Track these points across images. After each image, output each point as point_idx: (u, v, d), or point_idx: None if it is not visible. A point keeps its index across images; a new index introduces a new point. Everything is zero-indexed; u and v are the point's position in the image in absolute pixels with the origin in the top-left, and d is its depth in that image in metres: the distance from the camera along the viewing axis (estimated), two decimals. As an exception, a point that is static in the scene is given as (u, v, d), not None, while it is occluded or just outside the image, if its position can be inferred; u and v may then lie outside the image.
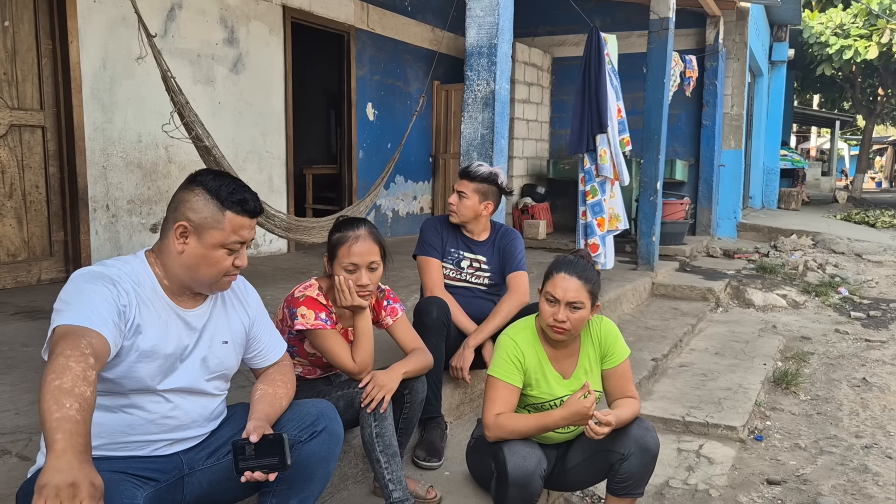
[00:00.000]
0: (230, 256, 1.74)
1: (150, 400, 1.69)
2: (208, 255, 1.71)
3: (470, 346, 2.98)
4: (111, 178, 5.10)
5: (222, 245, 1.71)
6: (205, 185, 1.72)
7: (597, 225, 5.55)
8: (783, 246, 8.87)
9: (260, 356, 1.97)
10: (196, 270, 1.72)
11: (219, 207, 1.70)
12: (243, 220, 1.73)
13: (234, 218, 1.71)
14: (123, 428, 1.66)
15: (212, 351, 1.81)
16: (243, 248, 1.77)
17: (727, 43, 9.09)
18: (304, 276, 4.87)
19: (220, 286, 1.79)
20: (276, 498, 1.80)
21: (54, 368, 1.36)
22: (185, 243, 1.71)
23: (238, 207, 1.72)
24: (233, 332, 1.87)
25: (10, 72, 4.53)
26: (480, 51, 3.58)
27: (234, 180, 1.77)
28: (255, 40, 6.24)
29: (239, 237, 1.73)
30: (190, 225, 1.70)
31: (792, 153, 17.34)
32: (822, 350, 5.24)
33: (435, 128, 8.89)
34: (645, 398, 3.89)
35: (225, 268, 1.74)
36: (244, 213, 1.73)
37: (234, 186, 1.74)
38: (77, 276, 1.63)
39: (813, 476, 3.23)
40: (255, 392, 1.90)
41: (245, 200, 1.73)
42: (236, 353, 1.89)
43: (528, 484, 2.14)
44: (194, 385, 1.76)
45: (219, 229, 1.70)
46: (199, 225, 1.70)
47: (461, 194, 3.10)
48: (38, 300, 4.29)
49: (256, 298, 1.99)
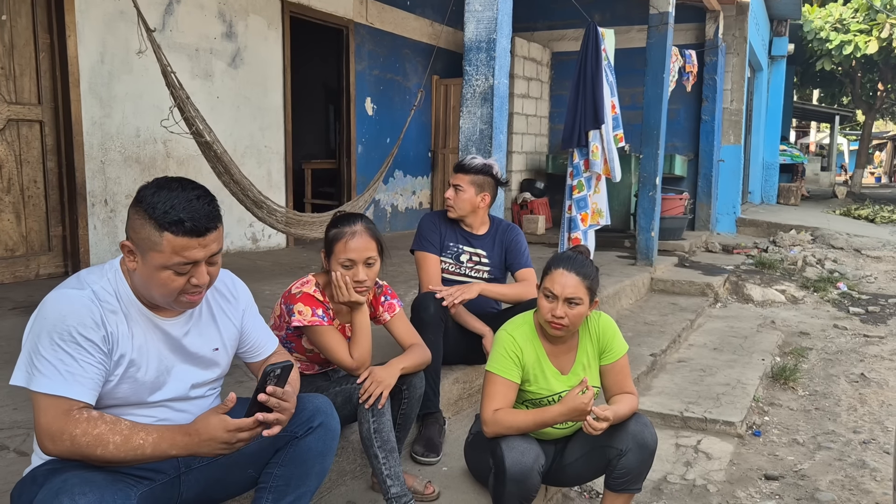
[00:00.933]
0: (180, 277, 1.57)
1: (147, 407, 1.67)
2: (153, 276, 1.56)
3: (475, 290, 2.97)
4: (109, 173, 5.09)
5: (164, 267, 1.55)
6: (143, 201, 1.54)
7: (580, 219, 5.55)
8: (782, 241, 8.87)
9: (253, 351, 1.93)
10: (149, 290, 1.60)
11: (155, 228, 1.53)
12: (185, 240, 1.53)
13: (173, 239, 1.53)
14: None
15: (201, 360, 1.76)
16: (197, 267, 1.58)
17: (727, 38, 9.07)
18: (303, 271, 4.87)
19: (184, 305, 1.65)
20: (273, 494, 1.79)
21: (89, 446, 1.48)
22: (134, 261, 1.58)
23: (175, 228, 1.52)
24: (223, 335, 1.81)
25: (7, 66, 4.52)
26: (479, 45, 3.56)
27: (181, 192, 1.55)
28: (254, 35, 6.22)
29: (183, 258, 1.55)
30: (132, 244, 1.57)
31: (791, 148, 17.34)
32: (821, 345, 5.24)
33: (434, 123, 8.87)
34: (643, 393, 3.90)
35: (176, 288, 1.58)
36: (184, 234, 1.53)
37: (172, 203, 1.52)
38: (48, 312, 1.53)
39: (811, 471, 3.24)
40: None
41: (181, 221, 1.52)
42: (227, 356, 1.85)
43: (525, 479, 2.14)
44: (186, 393, 1.74)
45: (157, 251, 1.54)
46: (139, 245, 1.56)
47: (457, 188, 3.10)
48: (36, 295, 4.28)
49: (246, 293, 1.91)
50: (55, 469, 1.54)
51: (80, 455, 1.48)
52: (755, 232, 9.85)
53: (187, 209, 1.54)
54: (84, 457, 1.48)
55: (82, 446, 1.47)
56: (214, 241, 1.60)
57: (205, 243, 1.57)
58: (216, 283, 1.82)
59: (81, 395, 1.51)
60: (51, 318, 1.53)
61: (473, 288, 2.97)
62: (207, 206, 1.58)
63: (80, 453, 1.48)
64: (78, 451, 1.48)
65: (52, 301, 1.56)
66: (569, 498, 2.91)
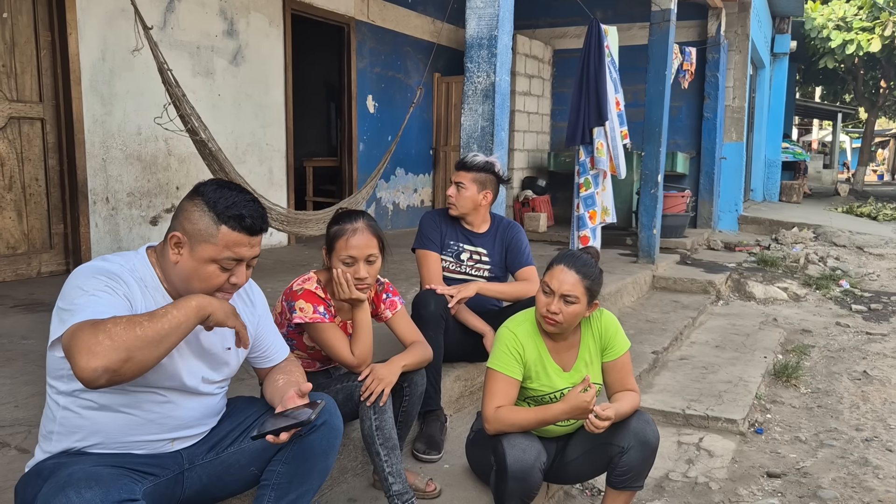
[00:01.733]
0: (223, 273, 1.64)
1: (151, 399, 1.66)
2: (199, 269, 1.62)
3: (473, 288, 2.97)
4: (111, 171, 5.09)
5: (213, 260, 1.62)
6: (205, 195, 1.64)
7: (588, 217, 5.55)
8: (784, 239, 8.86)
9: (264, 357, 1.95)
10: (188, 283, 1.65)
11: (214, 221, 1.61)
12: (239, 236, 1.63)
13: (228, 233, 1.61)
14: (123, 428, 1.64)
15: (216, 357, 1.77)
16: (240, 265, 1.66)
17: (729, 35, 9.05)
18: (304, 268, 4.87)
19: None
20: (276, 492, 1.79)
21: (115, 336, 1.39)
22: (179, 254, 1.63)
23: (234, 222, 1.62)
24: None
25: (8, 64, 4.51)
26: (481, 42, 3.56)
27: (239, 193, 1.66)
28: (255, 32, 6.22)
29: (233, 254, 1.63)
30: (184, 236, 1.63)
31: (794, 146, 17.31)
32: (823, 343, 5.24)
33: (435, 120, 8.87)
34: (645, 391, 3.89)
35: (216, 284, 1.65)
36: (241, 230, 1.62)
37: (234, 200, 1.63)
38: (78, 274, 1.57)
39: (813, 469, 3.23)
40: (277, 381, 1.87)
41: (242, 216, 1.62)
42: (238, 358, 1.86)
43: (527, 477, 2.14)
44: (196, 386, 1.74)
45: (211, 243, 1.61)
46: (192, 237, 1.62)
47: (459, 185, 3.09)
48: (37, 293, 4.29)
49: (262, 300, 1.95)
50: (61, 463, 1.55)
51: (122, 346, 1.38)
52: (757, 230, 9.83)
53: (248, 208, 1.64)
54: (126, 346, 1.39)
55: (120, 335, 1.39)
56: (259, 244, 1.70)
57: (253, 243, 1.67)
58: None
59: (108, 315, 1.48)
60: (78, 279, 1.55)
61: (471, 287, 2.97)
62: (261, 209, 1.70)
63: (121, 344, 1.38)
64: (119, 343, 1.38)
65: (79, 270, 1.58)
66: (570, 495, 2.90)
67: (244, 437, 1.82)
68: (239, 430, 1.83)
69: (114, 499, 1.39)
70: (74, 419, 1.60)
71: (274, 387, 1.86)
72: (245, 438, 1.82)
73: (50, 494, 1.40)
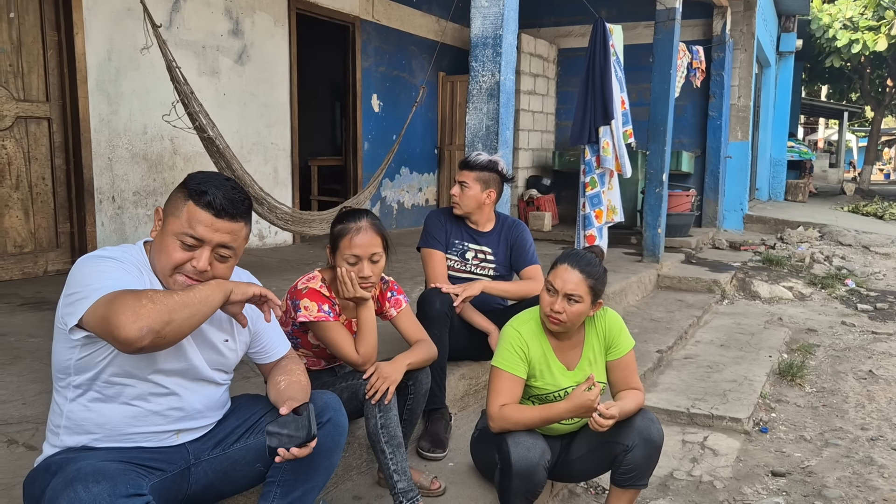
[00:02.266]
0: (183, 251, 1.64)
1: (156, 391, 1.68)
2: (164, 241, 1.65)
3: (477, 287, 2.97)
4: (117, 170, 5.11)
5: (174, 234, 1.63)
6: (188, 176, 1.70)
7: (594, 216, 5.55)
8: (790, 238, 8.84)
9: (263, 353, 1.96)
10: (158, 256, 1.67)
11: (184, 196, 1.65)
12: (202, 214, 1.62)
13: (191, 208, 1.63)
14: (128, 420, 1.66)
15: (213, 348, 1.79)
16: (203, 249, 1.64)
17: (734, 33, 9.03)
18: (309, 267, 4.88)
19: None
20: (281, 488, 1.80)
21: (167, 292, 1.53)
22: (156, 229, 1.69)
23: (197, 197, 1.63)
24: (235, 329, 1.84)
25: (15, 63, 4.54)
26: (485, 41, 3.56)
27: (220, 178, 1.68)
28: (260, 31, 6.23)
29: (192, 231, 1.62)
30: (162, 211, 1.69)
31: (799, 144, 17.25)
32: (829, 342, 5.23)
33: (440, 119, 8.87)
34: (650, 390, 3.89)
35: (175, 260, 1.64)
36: (203, 207, 1.62)
37: (207, 179, 1.66)
38: (82, 264, 1.60)
39: (818, 468, 3.23)
40: (279, 383, 1.88)
41: (205, 192, 1.63)
42: (238, 349, 1.87)
43: (531, 475, 2.15)
44: (198, 373, 1.75)
45: (175, 216, 1.64)
46: (166, 212, 1.67)
47: (463, 184, 3.09)
48: (44, 291, 4.31)
49: None
50: (68, 458, 1.57)
51: (165, 309, 1.47)
52: (762, 229, 9.81)
53: (217, 188, 1.65)
54: (168, 308, 1.47)
55: (161, 299, 1.48)
56: (227, 231, 1.66)
57: (217, 227, 1.64)
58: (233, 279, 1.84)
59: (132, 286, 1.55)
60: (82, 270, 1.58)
61: (476, 285, 2.97)
62: (238, 196, 1.67)
63: (164, 307, 1.47)
64: (161, 306, 1.46)
65: (82, 261, 1.61)
66: (575, 494, 2.91)
67: (250, 433, 1.83)
68: (244, 426, 1.85)
69: (121, 493, 1.40)
70: (82, 412, 1.62)
71: (277, 389, 1.87)
72: (251, 435, 1.83)
73: (58, 489, 1.41)
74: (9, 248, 4.60)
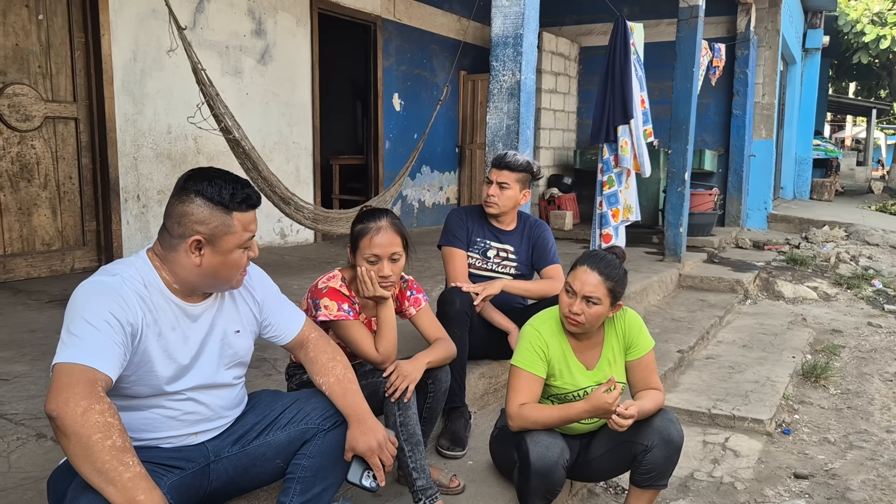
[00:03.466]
0: (245, 252, 1.74)
1: (171, 398, 1.71)
2: (227, 259, 1.70)
3: (498, 286, 2.97)
4: (141, 169, 5.18)
5: (237, 246, 1.70)
6: (202, 193, 1.65)
7: (611, 215, 5.52)
8: (815, 237, 8.72)
9: (279, 335, 1.97)
10: (216, 276, 1.71)
11: (224, 212, 1.66)
12: (250, 215, 1.72)
13: (241, 217, 1.69)
14: (146, 425, 1.69)
15: (225, 342, 1.81)
16: (254, 241, 1.76)
17: (759, 30, 8.93)
18: (330, 266, 4.92)
19: (237, 284, 1.79)
20: (301, 485, 1.82)
21: (95, 427, 1.40)
22: (201, 255, 1.67)
23: (244, 206, 1.69)
24: (243, 319, 1.87)
25: (44, 65, 4.62)
26: (506, 41, 3.56)
27: (228, 178, 1.70)
28: (283, 31, 6.28)
29: (250, 232, 1.72)
30: (203, 238, 1.66)
31: (825, 143, 17.01)
32: (854, 343, 5.15)
33: (461, 118, 8.88)
34: (670, 390, 3.87)
35: (243, 265, 1.75)
36: (248, 209, 1.71)
37: (233, 186, 1.68)
38: (80, 296, 1.59)
39: (842, 471, 3.19)
40: (322, 388, 1.91)
41: (248, 196, 1.70)
42: (249, 339, 1.89)
43: (550, 474, 2.15)
44: (212, 380, 1.77)
45: (232, 233, 1.68)
46: (212, 235, 1.66)
47: (503, 185, 3.05)
48: (71, 289, 4.34)
49: (261, 279, 1.96)
50: None
51: (77, 429, 1.38)
52: (787, 228, 9.69)
53: (243, 188, 1.70)
54: (80, 434, 1.38)
55: (90, 423, 1.39)
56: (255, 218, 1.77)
57: (254, 216, 1.75)
58: None
59: (106, 368, 1.50)
60: (80, 302, 1.58)
61: (496, 284, 2.98)
62: (247, 181, 1.75)
63: (80, 428, 1.39)
64: (83, 424, 1.39)
65: (82, 289, 1.61)
66: (594, 493, 2.91)
67: (269, 430, 1.86)
68: (264, 423, 1.87)
69: None
70: None
71: (331, 391, 1.90)
72: (270, 432, 1.85)
73: (79, 490, 1.44)
74: (37, 246, 4.69)
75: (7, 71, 4.45)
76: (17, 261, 4.58)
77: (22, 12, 4.49)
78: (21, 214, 4.59)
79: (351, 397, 1.89)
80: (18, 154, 4.55)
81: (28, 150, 4.59)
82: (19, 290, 4.32)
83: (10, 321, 3.66)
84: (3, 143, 4.47)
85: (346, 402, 1.88)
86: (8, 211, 4.52)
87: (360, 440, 1.84)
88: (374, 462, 1.85)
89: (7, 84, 4.44)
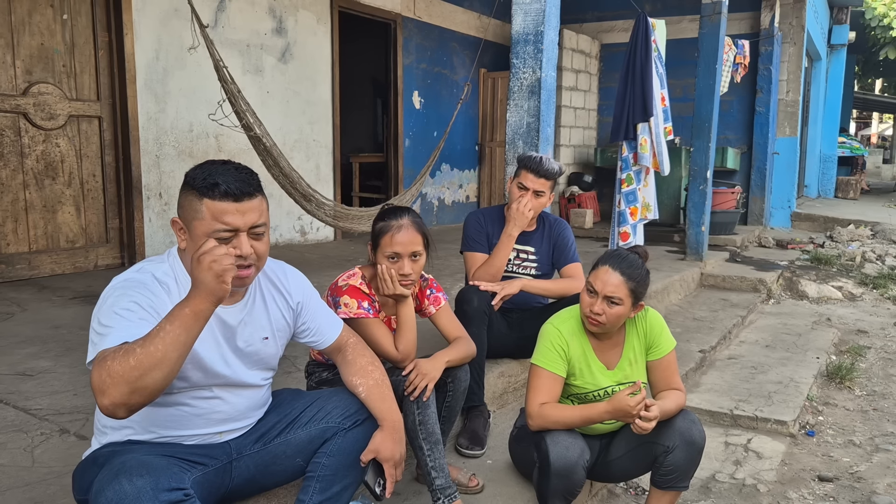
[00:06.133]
0: (226, 247, 1.58)
1: (197, 396, 1.71)
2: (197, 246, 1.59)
3: (517, 285, 2.97)
4: (164, 167, 5.23)
5: (205, 234, 1.58)
6: (188, 176, 1.63)
7: (629, 214, 5.48)
8: (839, 236, 8.59)
9: (318, 339, 1.97)
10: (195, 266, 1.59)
11: (196, 197, 1.60)
12: (223, 204, 1.58)
13: (211, 204, 1.58)
14: (171, 422, 1.69)
15: (252, 347, 1.79)
16: (240, 237, 1.62)
17: (783, 26, 8.81)
18: (350, 263, 4.93)
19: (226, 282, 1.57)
20: (321, 483, 1.82)
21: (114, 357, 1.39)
22: (184, 239, 1.65)
23: (212, 192, 1.58)
24: (274, 326, 1.84)
25: (69, 64, 4.68)
26: (527, 38, 3.54)
27: (219, 165, 1.63)
28: (303, 30, 6.30)
29: (224, 224, 1.59)
30: (180, 220, 1.64)
31: (851, 140, 16.77)
32: (880, 344, 5.07)
33: (481, 116, 8.86)
34: (692, 390, 3.83)
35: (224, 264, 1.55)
36: (221, 198, 1.58)
37: (209, 171, 1.61)
38: (108, 294, 1.58)
39: (867, 474, 3.14)
40: (358, 388, 1.91)
41: (217, 184, 1.58)
42: (278, 346, 1.88)
43: (570, 474, 2.13)
44: (240, 380, 1.77)
45: (199, 219, 1.60)
46: (185, 218, 1.63)
47: (539, 193, 2.99)
48: (94, 285, 4.44)
49: (300, 285, 1.93)
50: (115, 452, 1.61)
51: (121, 381, 1.37)
52: (811, 227, 9.57)
53: (223, 175, 1.60)
54: (124, 379, 1.37)
55: (115, 370, 1.37)
56: (253, 210, 1.63)
57: (242, 209, 1.61)
58: (269, 273, 1.86)
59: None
60: (112, 297, 1.57)
61: (515, 283, 2.96)
62: (245, 175, 1.64)
63: (119, 379, 1.37)
64: (117, 378, 1.37)
65: (113, 284, 1.61)
66: (614, 494, 2.88)
67: (290, 429, 1.86)
68: (285, 421, 1.87)
69: (163, 487, 1.44)
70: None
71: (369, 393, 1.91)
72: (291, 430, 1.86)
73: (104, 481, 1.45)
74: (61, 243, 4.75)
75: (32, 70, 4.51)
76: (42, 257, 4.65)
77: (47, 12, 4.54)
78: (46, 212, 4.65)
79: (389, 403, 1.91)
80: (43, 152, 4.61)
81: (53, 148, 4.65)
82: (44, 287, 4.38)
83: (34, 317, 3.71)
84: (29, 142, 4.53)
85: (383, 407, 1.89)
86: (33, 208, 4.59)
87: (388, 446, 1.85)
88: (390, 472, 1.86)
89: (32, 83, 4.50)
